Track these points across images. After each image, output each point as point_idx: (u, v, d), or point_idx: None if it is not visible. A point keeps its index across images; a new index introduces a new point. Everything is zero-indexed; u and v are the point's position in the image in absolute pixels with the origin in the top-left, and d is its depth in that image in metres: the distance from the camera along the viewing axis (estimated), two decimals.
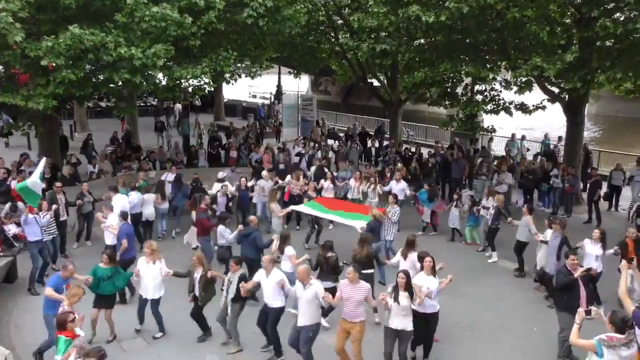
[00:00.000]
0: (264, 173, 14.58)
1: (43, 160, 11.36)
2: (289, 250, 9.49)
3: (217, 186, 14.05)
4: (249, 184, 14.12)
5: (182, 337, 8.96)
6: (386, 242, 11.69)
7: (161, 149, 20.17)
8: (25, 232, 10.77)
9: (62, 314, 6.74)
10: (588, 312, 6.47)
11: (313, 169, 16.43)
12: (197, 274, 8.70)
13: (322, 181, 14.66)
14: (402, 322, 7.42)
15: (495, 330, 9.45)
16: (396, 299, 7.31)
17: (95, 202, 12.84)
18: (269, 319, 8.12)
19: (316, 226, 13.11)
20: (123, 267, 9.36)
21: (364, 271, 8.56)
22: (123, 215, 10.87)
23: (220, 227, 10.67)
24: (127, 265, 9.70)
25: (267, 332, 8.28)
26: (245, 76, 27.86)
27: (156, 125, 25.53)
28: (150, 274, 8.70)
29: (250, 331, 8.71)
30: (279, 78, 35.74)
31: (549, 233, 10.50)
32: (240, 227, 10.59)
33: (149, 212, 12.90)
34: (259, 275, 8.21)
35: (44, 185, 11.15)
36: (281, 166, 16.61)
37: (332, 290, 8.10)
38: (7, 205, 12.61)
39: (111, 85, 14.23)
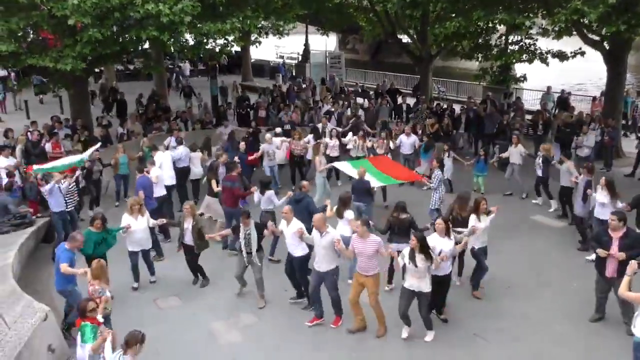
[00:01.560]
0: (267, 136, 13.92)
1: (91, 150, 11.86)
2: (349, 214, 9.07)
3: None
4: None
5: (216, 297, 9.07)
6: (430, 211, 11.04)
7: (190, 110, 20.15)
8: (50, 204, 10.49)
9: (83, 302, 6.42)
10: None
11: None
12: (188, 224, 8.99)
13: (327, 139, 14.05)
14: (419, 284, 7.31)
15: (533, 286, 9.25)
16: (412, 260, 7.19)
17: (104, 168, 12.79)
18: (295, 267, 8.40)
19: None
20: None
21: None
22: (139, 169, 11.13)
23: (269, 192, 10.12)
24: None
25: (296, 282, 8.61)
26: (273, 35, 27.48)
27: (183, 90, 24.98)
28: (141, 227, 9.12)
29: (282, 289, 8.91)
30: (306, 37, 35.12)
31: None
32: (290, 192, 10.13)
33: (197, 170, 12.88)
34: (282, 225, 8.44)
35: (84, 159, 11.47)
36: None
37: None
38: None
39: (139, 44, 14.11)
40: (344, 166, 12.37)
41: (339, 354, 7.52)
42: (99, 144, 12.74)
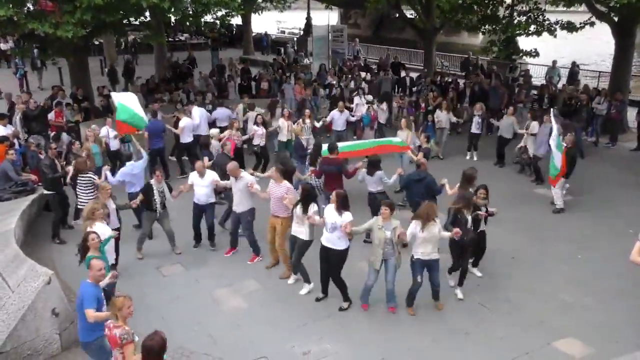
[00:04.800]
0: (213, 131, 12.20)
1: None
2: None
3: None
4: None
5: (219, 264, 9.05)
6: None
7: (191, 81, 19.92)
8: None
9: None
10: None
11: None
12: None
13: (253, 126, 12.93)
14: (296, 229, 7.83)
15: (537, 257, 9.22)
16: (296, 206, 7.71)
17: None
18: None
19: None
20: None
21: None
22: None
23: (380, 172, 9.44)
24: None
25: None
26: (275, 9, 27.13)
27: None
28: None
29: None
30: (308, 11, 34.68)
31: (535, 125, 12.36)
32: (400, 170, 9.67)
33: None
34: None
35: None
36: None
37: None
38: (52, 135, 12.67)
39: (140, 12, 13.85)
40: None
41: (343, 319, 7.50)
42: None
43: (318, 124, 13.68)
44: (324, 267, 7.71)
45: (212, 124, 13.49)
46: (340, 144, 10.84)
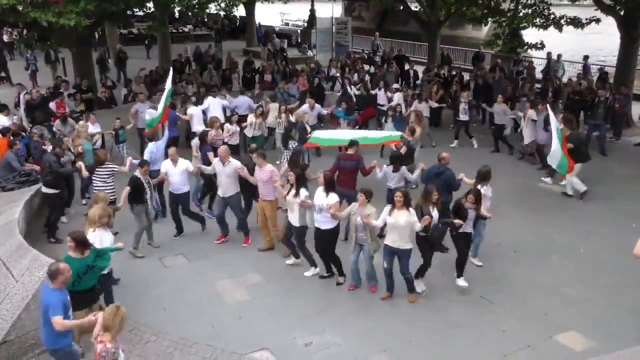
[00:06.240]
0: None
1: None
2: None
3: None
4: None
5: (221, 256, 9.06)
6: None
7: (194, 73, 19.88)
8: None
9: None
10: None
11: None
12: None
13: (227, 125, 12.35)
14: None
15: (539, 251, 9.19)
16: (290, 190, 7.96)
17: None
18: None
19: None
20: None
21: None
22: None
23: (404, 168, 9.42)
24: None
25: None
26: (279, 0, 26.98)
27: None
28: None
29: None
30: (312, 3, 34.58)
31: (533, 113, 12.53)
32: (423, 165, 9.33)
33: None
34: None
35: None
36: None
37: None
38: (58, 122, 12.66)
39: (143, 2, 13.80)
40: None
41: (345, 312, 7.51)
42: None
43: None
44: (319, 247, 8.10)
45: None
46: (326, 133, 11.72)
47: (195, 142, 10.71)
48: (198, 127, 12.66)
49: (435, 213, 7.46)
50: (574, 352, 6.69)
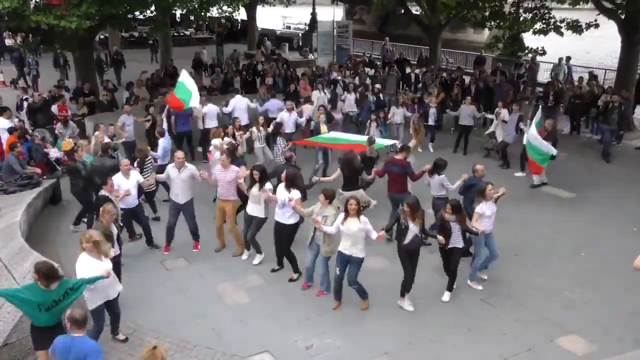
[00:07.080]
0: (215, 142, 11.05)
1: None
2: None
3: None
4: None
5: (222, 259, 9.06)
6: None
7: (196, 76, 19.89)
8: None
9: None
10: None
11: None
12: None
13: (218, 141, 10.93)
14: (251, 207, 8.33)
15: (540, 254, 9.20)
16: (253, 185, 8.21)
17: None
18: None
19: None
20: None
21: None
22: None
23: (442, 176, 9.04)
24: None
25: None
26: (280, 3, 27.03)
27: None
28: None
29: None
30: (314, 6, 34.67)
31: (505, 113, 13.00)
32: (465, 175, 8.97)
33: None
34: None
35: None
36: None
37: None
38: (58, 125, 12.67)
39: (145, 5, 13.86)
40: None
41: (345, 314, 7.51)
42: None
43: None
44: (277, 240, 8.38)
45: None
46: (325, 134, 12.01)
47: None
48: (211, 124, 12.80)
49: (413, 226, 7.23)
50: (575, 355, 6.69)
